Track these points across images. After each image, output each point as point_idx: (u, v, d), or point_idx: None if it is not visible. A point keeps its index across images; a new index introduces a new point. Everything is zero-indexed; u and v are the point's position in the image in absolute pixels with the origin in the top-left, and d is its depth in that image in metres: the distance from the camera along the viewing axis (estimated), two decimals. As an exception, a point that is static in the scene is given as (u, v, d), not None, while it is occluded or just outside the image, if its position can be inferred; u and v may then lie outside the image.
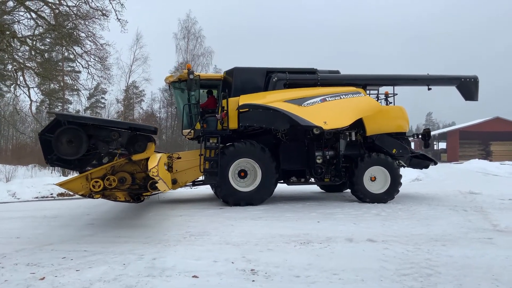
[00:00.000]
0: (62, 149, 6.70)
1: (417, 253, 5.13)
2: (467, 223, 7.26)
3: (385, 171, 10.19)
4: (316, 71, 10.82)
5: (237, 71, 10.28)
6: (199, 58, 43.86)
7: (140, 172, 7.33)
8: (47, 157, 6.89)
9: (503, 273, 4.27)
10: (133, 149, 7.16)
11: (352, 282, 4.02)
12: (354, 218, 7.82)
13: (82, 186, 6.92)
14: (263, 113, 9.60)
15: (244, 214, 8.43)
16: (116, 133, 7.00)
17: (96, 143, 6.99)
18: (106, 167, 7.08)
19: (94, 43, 19.16)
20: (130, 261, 4.81)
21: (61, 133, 6.68)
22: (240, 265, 4.61)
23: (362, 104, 10.32)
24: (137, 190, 7.35)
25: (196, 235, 6.28)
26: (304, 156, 10.57)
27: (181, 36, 42.85)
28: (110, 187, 7.01)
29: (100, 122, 7.30)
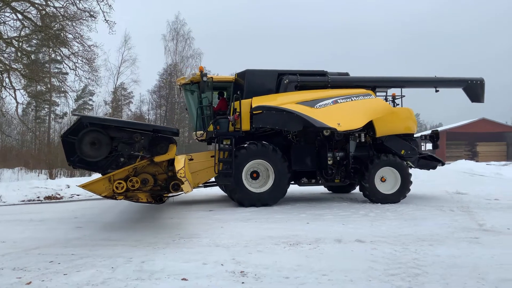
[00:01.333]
0: (85, 151, 6.75)
1: (404, 253, 5.18)
2: (454, 223, 7.36)
3: (396, 172, 10.35)
4: (326, 73, 10.97)
5: (249, 73, 10.36)
6: (188, 59, 43.81)
7: (162, 174, 7.37)
8: (69, 159, 6.91)
9: (489, 272, 4.33)
10: (155, 150, 7.18)
11: (341, 283, 4.04)
12: (342, 219, 7.87)
13: (105, 187, 6.95)
14: (276, 115, 9.68)
15: (233, 216, 8.42)
16: (138, 135, 7.04)
17: (118, 145, 7.03)
18: (129, 168, 7.10)
19: (82, 45, 18.98)
20: (118, 264, 4.77)
21: (84, 135, 6.72)
22: (230, 267, 4.61)
23: (374, 106, 10.55)
24: (158, 191, 7.40)
25: (186, 238, 6.26)
26: (315, 157, 10.69)
27: (170, 38, 42.76)
28: (133, 189, 7.05)
29: (123, 124, 7.35)
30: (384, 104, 10.93)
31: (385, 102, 11.15)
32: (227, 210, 9.24)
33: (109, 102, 41.02)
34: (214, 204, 10.52)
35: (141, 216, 8.71)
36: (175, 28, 42.54)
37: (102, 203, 11.46)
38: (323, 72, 10.97)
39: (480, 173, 19.94)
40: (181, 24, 42.50)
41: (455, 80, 12.01)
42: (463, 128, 46.27)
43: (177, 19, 42.35)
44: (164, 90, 49.70)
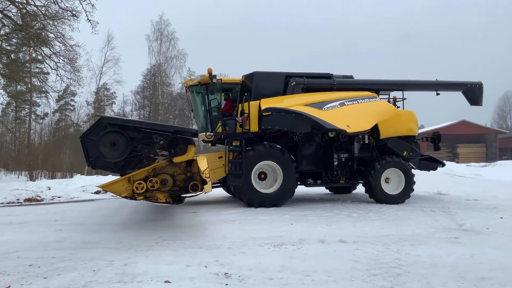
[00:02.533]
0: (105, 152, 6.72)
1: (386, 253, 5.25)
2: (434, 223, 7.49)
3: (400, 173, 10.59)
4: (331, 76, 11.17)
5: (257, 75, 10.45)
6: (172, 60, 43.52)
7: (181, 174, 7.40)
8: (88, 159, 6.88)
9: (468, 271, 4.42)
10: (174, 151, 7.19)
11: (324, 283, 4.07)
12: (326, 220, 7.93)
13: (124, 188, 6.97)
14: (286, 116, 9.78)
15: (217, 217, 8.39)
16: (158, 136, 7.03)
17: (138, 146, 7.02)
18: (148, 169, 7.12)
19: (64, 44, 18.65)
20: (100, 267, 4.71)
21: (104, 136, 6.70)
22: (213, 269, 4.59)
23: (380, 108, 10.80)
24: (177, 191, 7.44)
25: (169, 240, 6.21)
26: (321, 158, 10.86)
27: (154, 38, 42.37)
28: (152, 189, 7.07)
29: (144, 125, 7.32)
30: (390, 107, 11.22)
31: (390, 105, 11.46)
32: (211, 212, 9.21)
33: (91, 103, 40.41)
34: (197, 206, 10.46)
35: (123, 218, 8.60)
36: (159, 28, 42.19)
37: (83, 206, 11.29)
38: (328, 75, 11.20)
39: (460, 174, 20.34)
40: (165, 25, 42.17)
41: (455, 83, 12.37)
42: (444, 130, 46.98)
43: (161, 19, 42.03)
44: (147, 91, 49.26)
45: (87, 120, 40.94)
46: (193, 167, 7.40)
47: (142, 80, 48.94)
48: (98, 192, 14.63)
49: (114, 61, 37.86)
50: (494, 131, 50.47)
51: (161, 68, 43.41)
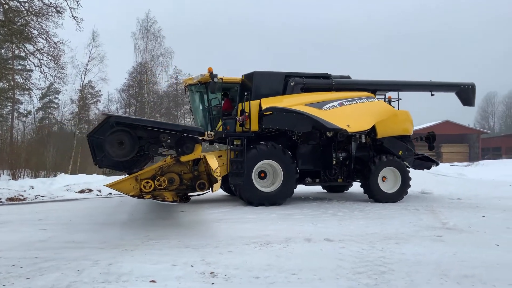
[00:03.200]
0: (113, 151, 6.68)
1: (371, 251, 5.30)
2: (418, 221, 7.59)
3: (396, 171, 10.79)
4: (330, 76, 11.30)
5: (257, 75, 10.50)
6: (159, 58, 43.20)
7: (188, 173, 7.46)
8: (95, 158, 6.84)
9: (451, 268, 4.49)
10: (181, 150, 7.14)
11: (310, 281, 4.09)
12: (312, 219, 7.97)
13: (132, 187, 7.02)
14: (287, 116, 9.88)
15: (204, 217, 8.37)
16: (166, 135, 7.01)
17: (145, 145, 7.00)
18: (155, 168, 7.17)
19: (47, 41, 18.35)
20: (84, 267, 4.65)
21: (112, 135, 6.66)
22: (200, 268, 4.58)
23: (379, 108, 11.04)
24: (184, 190, 7.47)
25: (155, 239, 6.17)
26: (319, 158, 11.00)
27: (140, 36, 41.97)
28: (160, 188, 7.10)
29: (151, 124, 7.28)
30: (388, 107, 11.45)
31: (388, 105, 11.66)
32: (198, 211, 9.17)
33: (76, 101, 39.85)
34: (185, 205, 10.41)
35: (108, 218, 8.50)
36: (145, 26, 41.82)
37: (67, 205, 11.14)
38: (327, 75, 11.32)
39: (444, 173, 20.66)
40: (151, 22, 41.82)
41: (448, 84, 12.66)
42: (427, 130, 47.78)
43: (148, 17, 41.66)
44: (133, 89, 48.78)
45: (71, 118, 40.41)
46: (199, 166, 7.45)
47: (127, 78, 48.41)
48: (82, 191, 14.46)
49: (99, 59, 37.34)
50: (476, 131, 51.39)
51: (147, 66, 43.05)
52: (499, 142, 55.65)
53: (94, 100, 44.84)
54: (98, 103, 45.93)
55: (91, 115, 45.22)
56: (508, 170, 22.66)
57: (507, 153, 49.33)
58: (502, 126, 78.15)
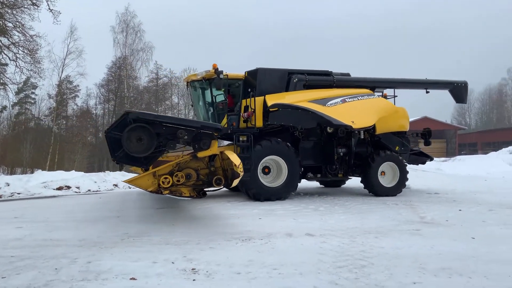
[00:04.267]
0: (131, 147, 6.70)
1: (352, 245, 5.36)
2: (397, 216, 7.72)
3: (395, 166, 11.11)
4: (331, 73, 11.50)
5: (261, 72, 10.61)
6: (139, 53, 42.63)
7: (204, 169, 7.56)
8: (113, 154, 6.81)
9: (429, 261, 4.58)
10: (198, 146, 7.22)
11: (291, 276, 4.11)
12: (293, 214, 8.02)
13: (150, 182, 7.06)
14: (292, 112, 10.08)
15: (185, 213, 8.33)
16: (183, 131, 7.02)
17: (163, 141, 7.03)
18: (173, 164, 7.24)
19: (23, 34, 17.90)
20: (62, 265, 4.56)
21: (131, 131, 6.67)
22: (181, 265, 4.55)
23: (381, 105, 11.34)
24: (200, 185, 7.56)
25: (135, 236, 6.09)
26: (321, 153, 11.19)
27: (119, 30, 41.33)
28: (178, 183, 7.18)
29: (170, 120, 7.31)
30: (389, 104, 11.71)
31: (389, 102, 11.93)
32: (178, 208, 9.11)
33: (53, 96, 38.97)
34: (164, 202, 10.33)
35: (87, 215, 8.36)
36: (125, 20, 41.17)
37: (45, 202, 10.92)
38: (328, 72, 11.51)
39: (422, 168, 21.07)
40: (131, 16, 41.19)
41: (443, 82, 13.07)
42: (407, 126, 48.62)
43: (127, 11, 41.02)
44: (112, 84, 48.02)
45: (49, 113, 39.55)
46: (215, 161, 7.58)
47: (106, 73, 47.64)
48: (60, 188, 14.19)
49: (77, 53, 36.59)
50: (454, 127, 52.57)
51: (126, 60, 42.39)
52: (475, 138, 57.14)
53: (72, 95, 43.93)
54: (76, 98, 45.06)
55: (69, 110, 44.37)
56: (484, 165, 23.29)
57: (482, 149, 50.63)
58: (478, 123, 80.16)
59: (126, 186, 15.56)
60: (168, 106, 55.44)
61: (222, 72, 10.04)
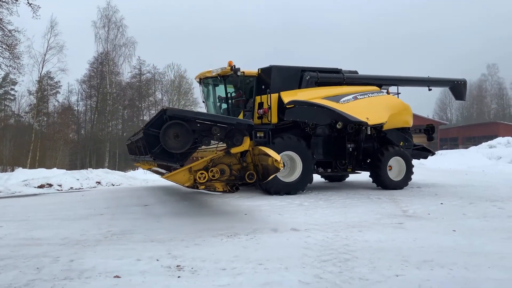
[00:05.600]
0: (169, 143, 6.82)
1: (336, 239, 5.41)
2: (381, 210, 7.82)
3: (401, 161, 11.49)
4: (340, 70, 11.84)
5: (275, 69, 10.82)
6: (121, 48, 42.10)
7: (236, 164, 7.70)
8: (151, 151, 6.93)
9: (411, 254, 4.66)
10: (231, 142, 7.33)
11: (276, 271, 4.13)
12: (279, 209, 8.05)
13: (187, 178, 7.19)
14: (308, 109, 10.31)
15: (169, 210, 8.28)
16: (217, 127, 7.15)
17: (198, 137, 7.15)
18: (207, 160, 7.37)
19: (1, 29, 17.45)
20: (44, 264, 4.48)
21: (168, 128, 6.79)
22: (166, 262, 4.52)
23: (391, 102, 11.78)
24: (233, 181, 7.70)
25: (118, 234, 6.03)
26: (331, 149, 11.45)
27: (101, 25, 40.77)
28: (213, 179, 7.33)
29: (206, 117, 7.44)
30: (398, 101, 12.15)
31: (398, 99, 12.34)
32: (163, 205, 9.05)
33: (33, 92, 38.18)
34: (148, 198, 10.26)
35: (69, 213, 8.24)
36: (107, 14, 40.59)
37: (26, 201, 10.72)
38: (337, 69, 11.84)
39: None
40: (113, 11, 40.63)
41: (443, 80, 13.78)
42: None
43: (109, 6, 40.43)
44: (95, 80, 47.33)
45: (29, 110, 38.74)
46: (247, 157, 7.80)
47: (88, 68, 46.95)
48: (42, 186, 13.95)
49: (58, 48, 35.99)
50: (435, 122, 53.43)
51: (108, 56, 41.79)
52: (456, 133, 58.26)
53: (53, 91, 43.17)
54: (58, 94, 44.28)
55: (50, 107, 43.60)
56: (464, 159, 23.80)
57: (463, 143, 51.70)
58: (459, 118, 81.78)
59: (109, 183, 15.39)
60: (152, 102, 54.98)
61: (239, 69, 10.26)
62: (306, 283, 3.76)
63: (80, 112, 51.28)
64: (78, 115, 50.62)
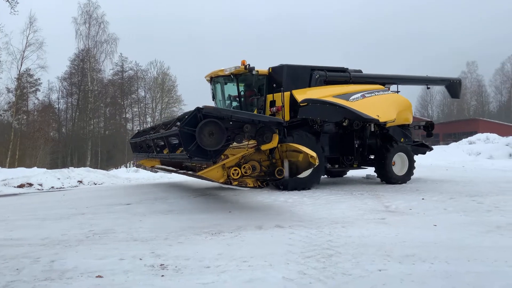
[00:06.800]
0: (204, 141, 6.95)
1: (320, 235, 5.45)
2: (363, 206, 7.91)
3: (404, 156, 11.96)
4: (347, 69, 12.19)
5: (287, 68, 11.07)
6: (103, 45, 41.46)
7: (266, 160, 7.87)
8: (187, 148, 7.04)
9: (393, 249, 4.72)
10: (261, 139, 7.51)
11: (260, 268, 4.13)
12: (263, 206, 8.06)
13: (221, 174, 7.43)
14: (321, 107, 10.60)
15: (153, 209, 8.20)
16: (249, 125, 7.31)
17: (231, 135, 7.30)
18: (239, 156, 7.53)
19: (-23, 25, 16.94)
20: (24, 265, 4.38)
21: (204, 126, 6.94)
22: (149, 261, 4.48)
23: (398, 100, 12.25)
24: (262, 176, 7.87)
25: (101, 234, 5.94)
26: (338, 145, 11.74)
27: (82, 21, 40.05)
28: (245, 175, 7.51)
29: (242, 115, 7.57)
30: (403, 98, 12.58)
31: (403, 97, 12.74)
32: (146, 204, 8.97)
33: (12, 90, 37.30)
34: (130, 197, 10.15)
35: (49, 213, 8.08)
36: (87, 11, 39.90)
37: (5, 201, 10.50)
38: (344, 68, 12.21)
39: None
40: (94, 7, 39.95)
41: (440, 79, 14.39)
42: (372, 118, 49.71)
43: (90, 1, 39.73)
44: (76, 77, 46.54)
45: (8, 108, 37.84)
46: (275, 154, 7.98)
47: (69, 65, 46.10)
48: (21, 186, 13.67)
49: (38, 45, 35.23)
50: (417, 119, 54.20)
51: (90, 53, 41.13)
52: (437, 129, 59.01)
53: (33, 89, 42.27)
54: (38, 92, 43.39)
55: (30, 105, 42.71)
56: (445, 155, 24.26)
57: (444, 140, 52.63)
58: (439, 114, 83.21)
59: (91, 182, 15.17)
60: (135, 99, 54.34)
61: (254, 69, 10.55)
62: (290, 279, 3.77)
63: (61, 110, 50.35)
64: (59, 113, 49.69)
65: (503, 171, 16.11)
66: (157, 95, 53.86)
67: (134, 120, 55.29)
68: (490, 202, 7.98)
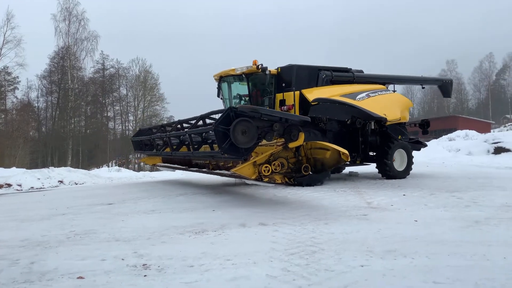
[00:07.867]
0: (238, 139, 7.13)
1: (303, 232, 5.48)
2: (346, 202, 7.98)
3: (403, 152, 12.36)
4: (350, 70, 12.58)
5: (297, 68, 11.32)
6: (83, 42, 40.76)
7: (292, 158, 8.24)
8: (221, 146, 7.23)
9: (376, 244, 4.78)
10: (289, 137, 7.78)
11: (244, 266, 4.13)
12: (248, 204, 8.06)
13: (252, 171, 7.70)
14: (331, 106, 10.97)
15: (135, 208, 8.11)
16: (278, 124, 7.51)
17: (261, 133, 7.47)
18: (268, 154, 7.87)
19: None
20: (2, 267, 4.28)
21: (237, 124, 7.12)
22: (131, 261, 4.43)
23: (401, 100, 12.94)
24: (289, 173, 8.13)
25: (82, 234, 5.85)
26: (344, 142, 11.68)
27: (61, 18, 39.27)
28: (275, 171, 7.87)
29: (273, 114, 7.74)
30: (404, 98, 13.37)
31: (404, 97, 13.97)
32: (128, 203, 8.87)
33: (-11, 88, 36.37)
34: (112, 197, 10.02)
35: (29, 214, 7.92)
36: (67, 7, 39.13)
37: (-18, 202, 10.22)
38: (348, 69, 12.59)
39: (370, 156, 21.93)
40: (74, 4, 39.19)
41: (434, 79, 15.61)
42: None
43: (69, -2, 38.94)
44: (55, 75, 45.67)
45: (-15, 107, 36.87)
46: (300, 151, 8.25)
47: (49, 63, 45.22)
48: (0, 186, 13.35)
49: (16, 42, 34.48)
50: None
51: (70, 50, 40.37)
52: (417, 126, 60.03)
53: (11, 87, 41.31)
54: (16, 90, 42.44)
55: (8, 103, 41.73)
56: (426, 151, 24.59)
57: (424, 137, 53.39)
58: (420, 112, 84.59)
59: (72, 182, 14.93)
60: (116, 98, 53.66)
61: (267, 68, 10.83)
62: (274, 276, 3.78)
63: (40, 109, 49.32)
64: (38, 112, 48.68)
65: (481, 167, 16.51)
66: (139, 93, 53.27)
67: (116, 119, 54.61)
68: (469, 197, 8.15)
